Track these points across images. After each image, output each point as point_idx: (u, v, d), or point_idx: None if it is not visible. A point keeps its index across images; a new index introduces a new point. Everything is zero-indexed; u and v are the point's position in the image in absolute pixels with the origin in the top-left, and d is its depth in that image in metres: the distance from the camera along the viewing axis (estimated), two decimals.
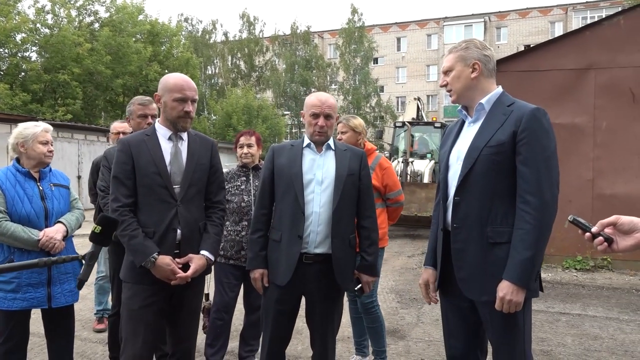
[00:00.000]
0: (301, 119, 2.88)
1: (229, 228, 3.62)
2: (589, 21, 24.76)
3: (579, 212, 7.08)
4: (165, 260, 2.52)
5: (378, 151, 3.94)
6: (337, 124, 3.67)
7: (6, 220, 2.84)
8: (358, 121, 3.73)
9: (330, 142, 2.81)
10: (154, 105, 3.64)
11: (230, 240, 3.61)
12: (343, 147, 2.86)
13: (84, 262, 1.87)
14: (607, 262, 7.43)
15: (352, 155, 2.81)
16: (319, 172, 2.72)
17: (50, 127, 3.14)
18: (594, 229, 1.57)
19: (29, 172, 3.00)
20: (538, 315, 5.25)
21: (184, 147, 2.69)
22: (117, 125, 4.16)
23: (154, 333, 2.62)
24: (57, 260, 1.77)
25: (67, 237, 3.06)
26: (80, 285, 1.91)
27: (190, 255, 2.62)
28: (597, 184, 7.41)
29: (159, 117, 3.08)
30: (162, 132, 2.67)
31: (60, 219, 3.05)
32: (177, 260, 2.57)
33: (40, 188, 3.02)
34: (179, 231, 2.60)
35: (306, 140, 2.80)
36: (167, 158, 2.62)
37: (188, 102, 2.63)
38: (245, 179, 3.72)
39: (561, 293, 6.31)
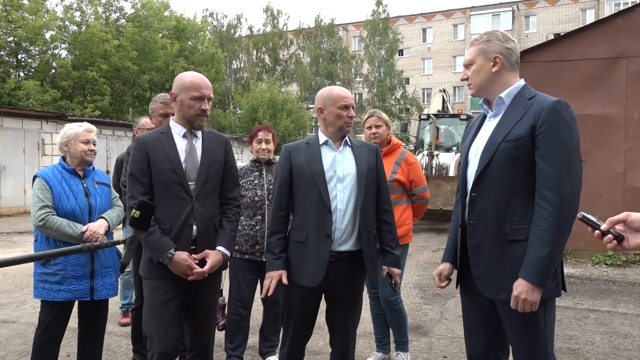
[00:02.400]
0: (316, 114, 2.83)
1: (243, 223, 3.63)
2: (622, 7, 23.98)
3: (610, 205, 6.95)
4: (182, 256, 2.55)
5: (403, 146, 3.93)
6: (369, 118, 3.75)
7: (53, 215, 2.99)
8: (386, 115, 3.84)
9: (347, 137, 2.78)
10: None
11: (245, 234, 3.62)
12: (358, 143, 2.83)
13: (124, 246, 1.93)
14: (639, 258, 7.22)
15: (367, 151, 2.79)
16: (340, 169, 2.69)
17: (94, 128, 3.30)
18: (604, 227, 1.53)
19: (74, 169, 3.17)
20: (566, 312, 5.13)
21: (198, 144, 2.72)
22: (148, 122, 4.07)
23: (176, 327, 2.67)
24: (100, 245, 1.84)
25: (108, 233, 3.19)
26: (122, 268, 1.99)
27: (207, 251, 2.65)
28: (629, 176, 7.18)
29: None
30: (177, 130, 2.71)
31: (102, 215, 3.19)
32: (194, 256, 2.61)
33: (85, 185, 3.18)
34: (194, 227, 2.63)
35: (322, 138, 2.75)
36: (182, 155, 2.66)
37: (205, 100, 2.66)
38: (258, 173, 3.72)
39: (590, 289, 6.15)
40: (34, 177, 3.13)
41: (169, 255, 2.53)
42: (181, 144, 2.68)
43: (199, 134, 2.74)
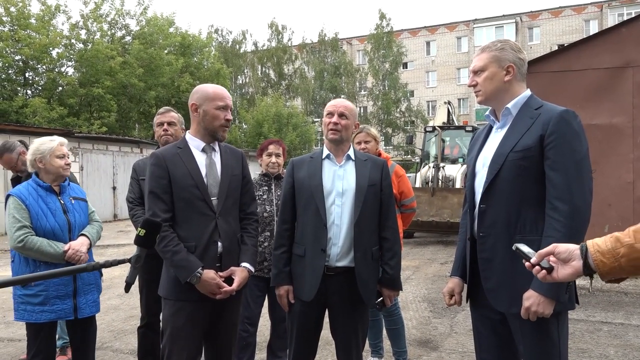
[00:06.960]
0: (322, 128, 2.85)
1: None
2: (625, 18, 23.98)
3: (620, 215, 6.87)
4: (210, 274, 2.48)
5: (392, 160, 4.11)
6: (358, 134, 3.72)
7: (32, 235, 2.89)
8: (375, 130, 3.92)
9: (351, 152, 2.77)
10: (172, 113, 3.69)
11: None
12: (363, 157, 2.80)
13: (130, 264, 1.91)
14: None
15: (373, 165, 2.75)
16: (340, 184, 2.67)
17: (65, 141, 3.17)
18: (533, 260, 1.53)
19: (50, 186, 3.04)
20: (578, 325, 5.04)
21: (217, 158, 2.66)
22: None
23: (197, 348, 2.62)
24: (105, 263, 1.82)
25: (89, 250, 3.11)
26: (127, 287, 1.97)
27: (233, 268, 2.59)
28: (638, 186, 7.11)
29: (182, 126, 3.05)
30: (195, 144, 2.63)
31: (83, 232, 3.10)
32: (220, 273, 2.54)
33: (62, 202, 3.07)
34: (219, 244, 2.57)
35: (325, 152, 2.75)
36: (203, 170, 2.59)
37: (228, 110, 2.64)
38: (267, 188, 3.68)
39: (602, 301, 6.05)
40: (7, 196, 2.98)
41: (198, 275, 2.44)
42: (201, 159, 2.61)
43: (217, 147, 2.68)
